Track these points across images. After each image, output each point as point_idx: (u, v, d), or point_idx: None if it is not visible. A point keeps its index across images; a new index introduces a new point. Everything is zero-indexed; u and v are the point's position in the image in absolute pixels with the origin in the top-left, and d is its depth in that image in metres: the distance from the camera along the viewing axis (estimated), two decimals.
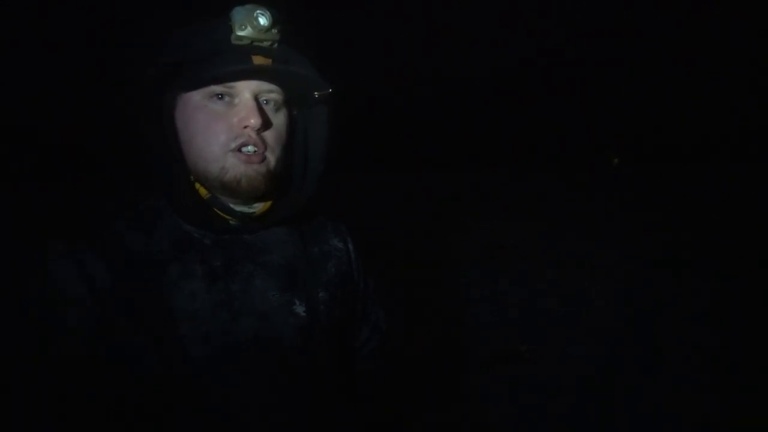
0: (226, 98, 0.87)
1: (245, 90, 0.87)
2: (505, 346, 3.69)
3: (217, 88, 0.86)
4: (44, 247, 0.86)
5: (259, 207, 0.93)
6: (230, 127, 0.87)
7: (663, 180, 8.56)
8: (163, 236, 0.89)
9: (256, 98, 0.88)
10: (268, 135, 0.89)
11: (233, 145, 0.87)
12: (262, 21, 0.85)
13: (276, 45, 0.88)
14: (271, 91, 0.89)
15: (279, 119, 0.91)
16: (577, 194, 8.28)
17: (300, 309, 0.95)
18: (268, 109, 0.89)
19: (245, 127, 0.87)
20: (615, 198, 8.04)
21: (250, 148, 0.87)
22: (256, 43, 0.86)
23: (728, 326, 4.02)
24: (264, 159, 0.89)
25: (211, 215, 0.91)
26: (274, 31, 0.86)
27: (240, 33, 0.84)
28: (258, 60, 0.86)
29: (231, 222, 0.92)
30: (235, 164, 0.87)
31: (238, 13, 0.85)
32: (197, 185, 0.90)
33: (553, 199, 8.10)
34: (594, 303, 4.54)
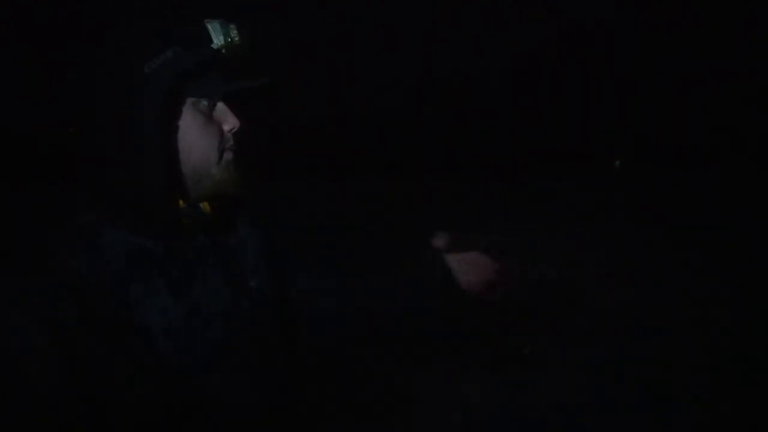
0: (209, 104, 0.90)
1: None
2: (508, 347, 3.65)
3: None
4: None
5: (206, 208, 0.95)
6: (221, 131, 0.91)
7: (666, 182, 8.54)
8: (113, 255, 0.86)
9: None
10: (240, 136, 0.94)
11: (225, 147, 0.91)
12: (240, 35, 0.89)
13: (245, 56, 0.91)
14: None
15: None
16: (580, 195, 8.27)
17: (245, 302, 0.96)
18: None
19: (230, 130, 0.91)
20: (618, 199, 8.03)
21: (233, 149, 0.92)
22: (233, 55, 0.89)
23: (731, 327, 3.98)
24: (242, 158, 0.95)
25: (179, 224, 0.92)
26: (246, 44, 0.89)
27: (223, 46, 0.88)
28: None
29: (188, 226, 0.94)
30: (230, 165, 0.91)
31: (222, 26, 0.88)
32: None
33: (555, 200, 8.10)
34: (596, 304, 4.53)
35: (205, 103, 0.89)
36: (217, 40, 0.88)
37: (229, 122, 0.91)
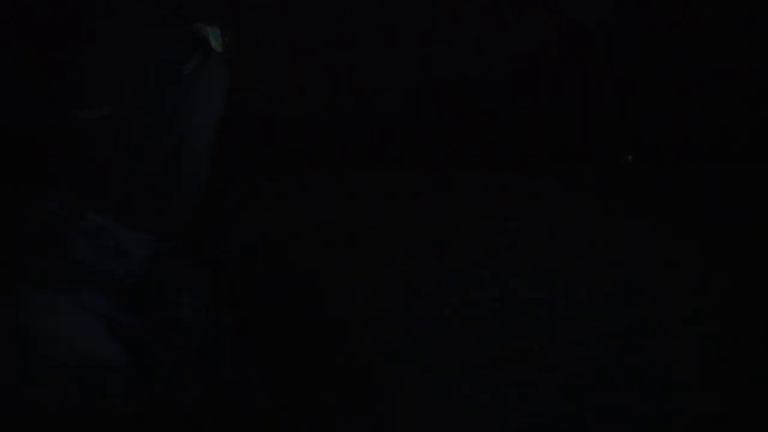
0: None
1: None
2: (517, 344, 3.72)
3: None
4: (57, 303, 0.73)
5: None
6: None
7: (666, 181, 8.51)
8: (140, 256, 0.85)
9: None
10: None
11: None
12: (233, 41, 0.91)
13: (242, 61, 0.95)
14: None
15: None
16: (580, 195, 8.25)
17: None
18: None
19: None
20: (622, 197, 8.01)
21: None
22: (231, 59, 0.93)
23: (734, 327, 4.03)
24: None
25: (187, 225, 0.94)
26: (241, 50, 0.94)
27: (221, 48, 0.90)
28: None
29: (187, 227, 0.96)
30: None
31: (221, 31, 0.89)
32: None
33: (555, 200, 8.07)
34: (604, 303, 4.56)
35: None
36: (216, 45, 0.89)
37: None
